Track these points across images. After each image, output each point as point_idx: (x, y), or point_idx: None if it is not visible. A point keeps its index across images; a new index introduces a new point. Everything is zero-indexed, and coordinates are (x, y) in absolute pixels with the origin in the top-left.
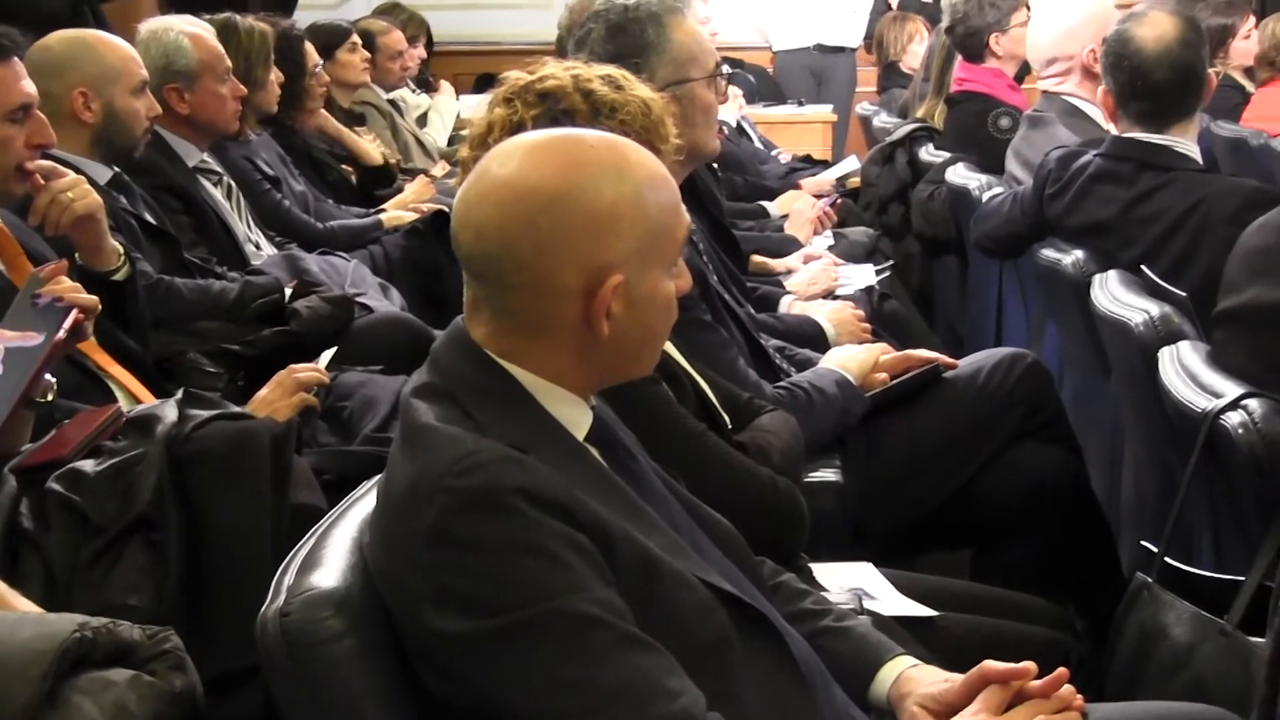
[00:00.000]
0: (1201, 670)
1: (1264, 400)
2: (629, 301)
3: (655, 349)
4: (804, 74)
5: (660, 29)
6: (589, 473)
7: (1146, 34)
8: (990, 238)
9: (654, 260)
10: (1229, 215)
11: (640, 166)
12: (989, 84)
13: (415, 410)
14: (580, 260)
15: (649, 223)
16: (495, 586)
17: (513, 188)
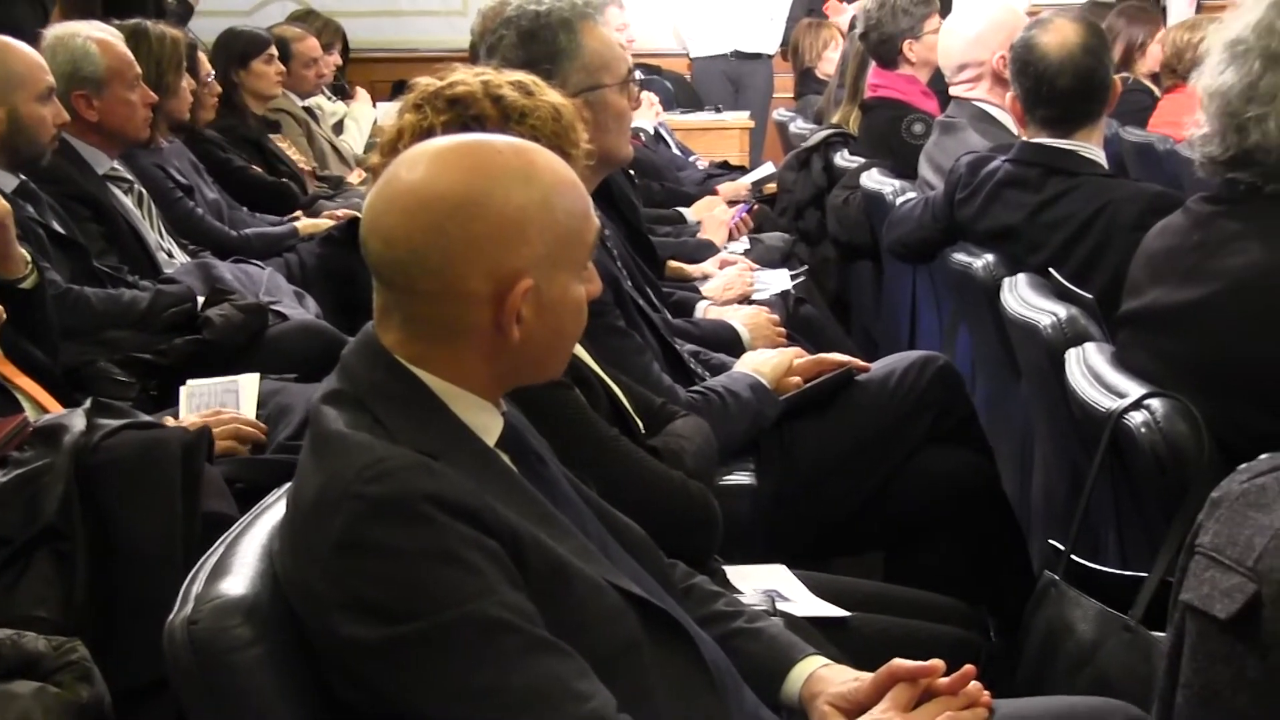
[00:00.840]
0: (1106, 665)
1: (1166, 400)
2: (539, 306)
3: (565, 352)
4: (721, 80)
5: (572, 35)
6: (499, 478)
7: (1051, 41)
8: (902, 243)
9: (563, 265)
10: (1133, 219)
11: (548, 171)
12: (902, 90)
13: (324, 417)
14: (489, 266)
15: (558, 228)
16: (405, 593)
17: (419, 194)
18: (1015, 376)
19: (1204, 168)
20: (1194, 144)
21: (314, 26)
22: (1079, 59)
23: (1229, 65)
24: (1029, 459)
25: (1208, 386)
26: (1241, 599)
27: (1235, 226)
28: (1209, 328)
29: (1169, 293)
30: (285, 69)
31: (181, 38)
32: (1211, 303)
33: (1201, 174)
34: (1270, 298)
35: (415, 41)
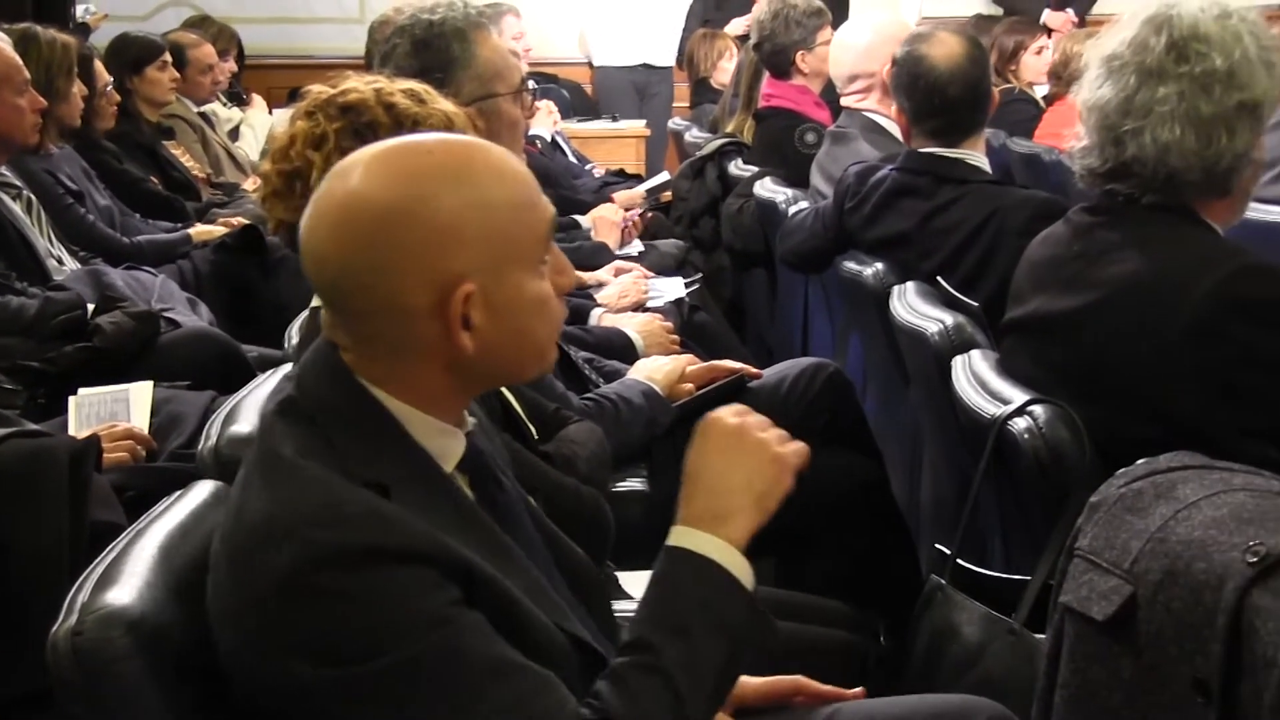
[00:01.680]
0: (991, 667)
1: (1048, 406)
2: (491, 308)
3: (538, 352)
4: (628, 90)
5: (465, 44)
6: (454, 509)
7: (937, 54)
8: (795, 253)
9: (511, 261)
10: (1021, 225)
11: (483, 167)
12: (795, 100)
13: (275, 435)
14: (425, 277)
15: (497, 225)
16: (357, 636)
17: (346, 208)
18: (905, 383)
19: (1084, 179)
20: (1074, 156)
21: (209, 33)
22: (967, 69)
23: (1106, 80)
24: (918, 464)
25: (1088, 393)
26: (1118, 601)
27: (1114, 236)
28: (1089, 335)
29: (1050, 301)
30: (180, 75)
31: (72, 43)
32: (1091, 311)
33: (1081, 185)
34: (1147, 306)
35: (312, 48)
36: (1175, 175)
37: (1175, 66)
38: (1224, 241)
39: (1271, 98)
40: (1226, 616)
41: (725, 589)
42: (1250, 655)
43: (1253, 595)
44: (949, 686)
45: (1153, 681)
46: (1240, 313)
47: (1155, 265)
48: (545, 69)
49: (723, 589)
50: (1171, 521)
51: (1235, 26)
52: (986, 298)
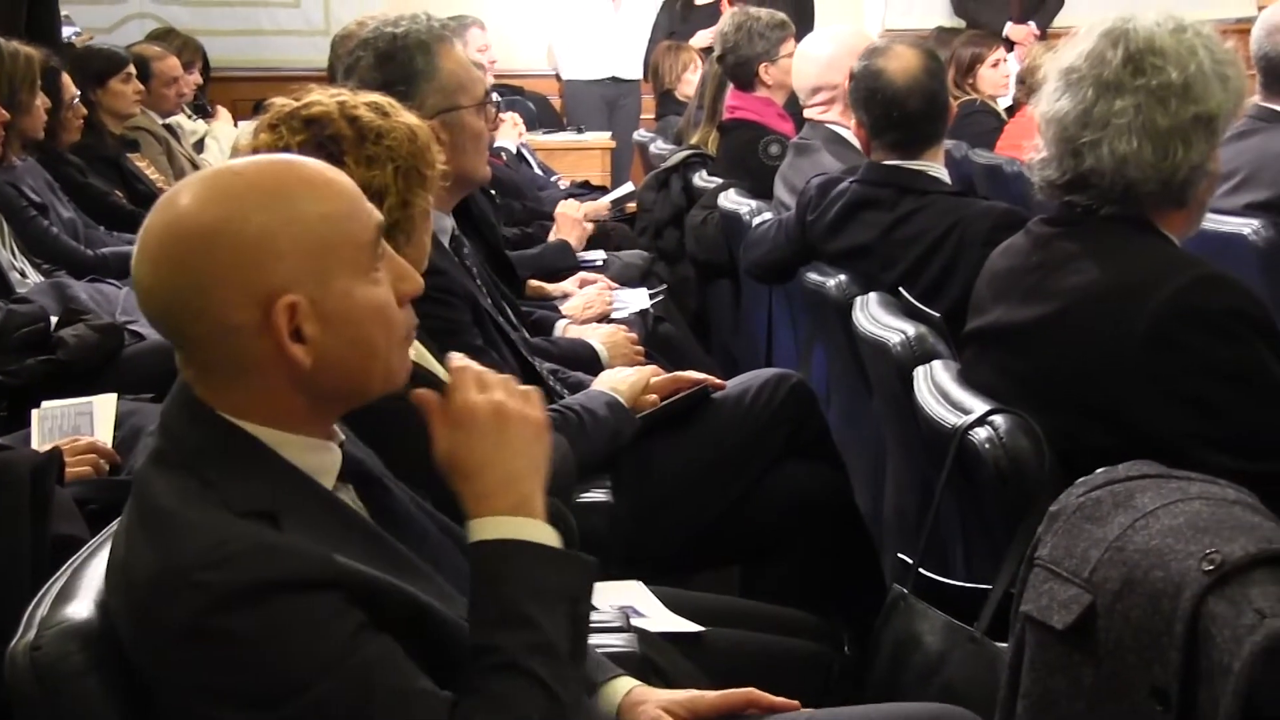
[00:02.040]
0: (952, 676)
1: (1009, 416)
2: (323, 319)
3: (385, 361)
4: (597, 103)
5: (429, 57)
6: (345, 525)
7: (895, 67)
8: (758, 265)
9: (336, 270)
10: (983, 235)
11: (297, 181)
12: (759, 112)
13: (151, 487)
14: (245, 294)
15: (313, 234)
16: (264, 676)
17: (163, 236)
18: (868, 393)
19: (1043, 191)
20: (1033, 168)
21: (174, 45)
22: (924, 82)
23: (1064, 93)
24: (881, 474)
25: (1048, 402)
26: (1077, 609)
27: (1072, 247)
28: (1048, 345)
29: (1011, 311)
30: (144, 88)
31: (36, 56)
32: (1050, 321)
33: (1041, 197)
34: (1105, 316)
35: (278, 61)
36: (1133, 187)
37: (1132, 79)
38: (1181, 252)
39: (1226, 110)
40: (1183, 624)
41: (545, 561)
42: (1207, 662)
43: (1208, 603)
44: (912, 695)
45: (1113, 690)
46: (1197, 322)
47: (1114, 276)
48: (511, 81)
49: (543, 562)
50: (1130, 530)
51: (1190, 40)
52: (948, 308)
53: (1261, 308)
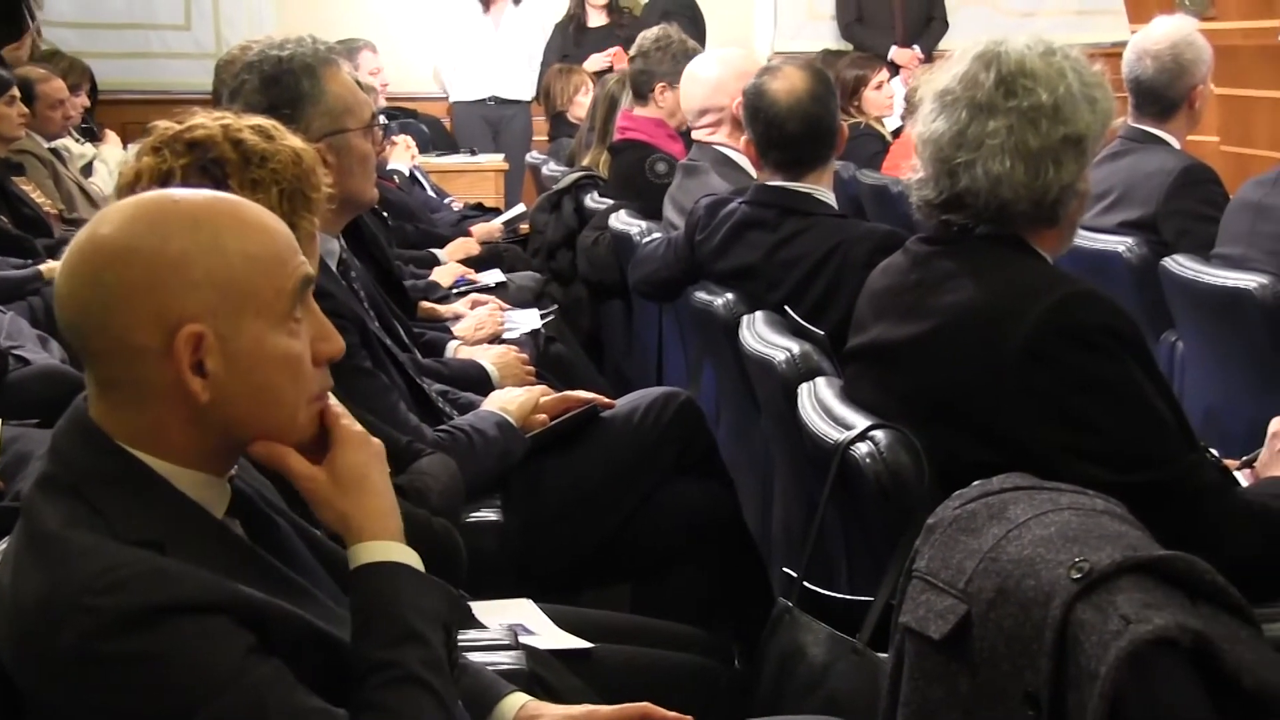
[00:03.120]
0: (836, 687)
1: (889, 431)
2: (227, 358)
3: (290, 415)
4: (480, 125)
5: (315, 80)
6: (232, 553)
7: (779, 88)
8: (647, 282)
9: (249, 312)
10: (864, 257)
11: (229, 217)
12: (649, 132)
13: (39, 511)
14: (151, 315)
15: (232, 271)
16: (157, 699)
17: (85, 250)
18: (756, 410)
19: (920, 210)
20: (911, 188)
21: (60, 67)
22: (806, 106)
23: (940, 114)
24: (770, 490)
25: (927, 418)
26: (953, 619)
27: (949, 266)
28: (926, 362)
29: (890, 329)
30: (29, 110)
31: None
32: (928, 338)
33: (918, 216)
34: (981, 332)
35: (168, 83)
36: (1006, 206)
37: (1004, 101)
38: (1053, 269)
39: (1094, 132)
40: (1053, 631)
41: (421, 584)
42: (1075, 668)
43: (1077, 610)
44: (797, 707)
45: (988, 697)
46: (1069, 338)
47: (988, 293)
48: (404, 104)
49: (420, 584)
50: (1003, 541)
51: (1059, 63)
52: (833, 327)
53: (1131, 324)
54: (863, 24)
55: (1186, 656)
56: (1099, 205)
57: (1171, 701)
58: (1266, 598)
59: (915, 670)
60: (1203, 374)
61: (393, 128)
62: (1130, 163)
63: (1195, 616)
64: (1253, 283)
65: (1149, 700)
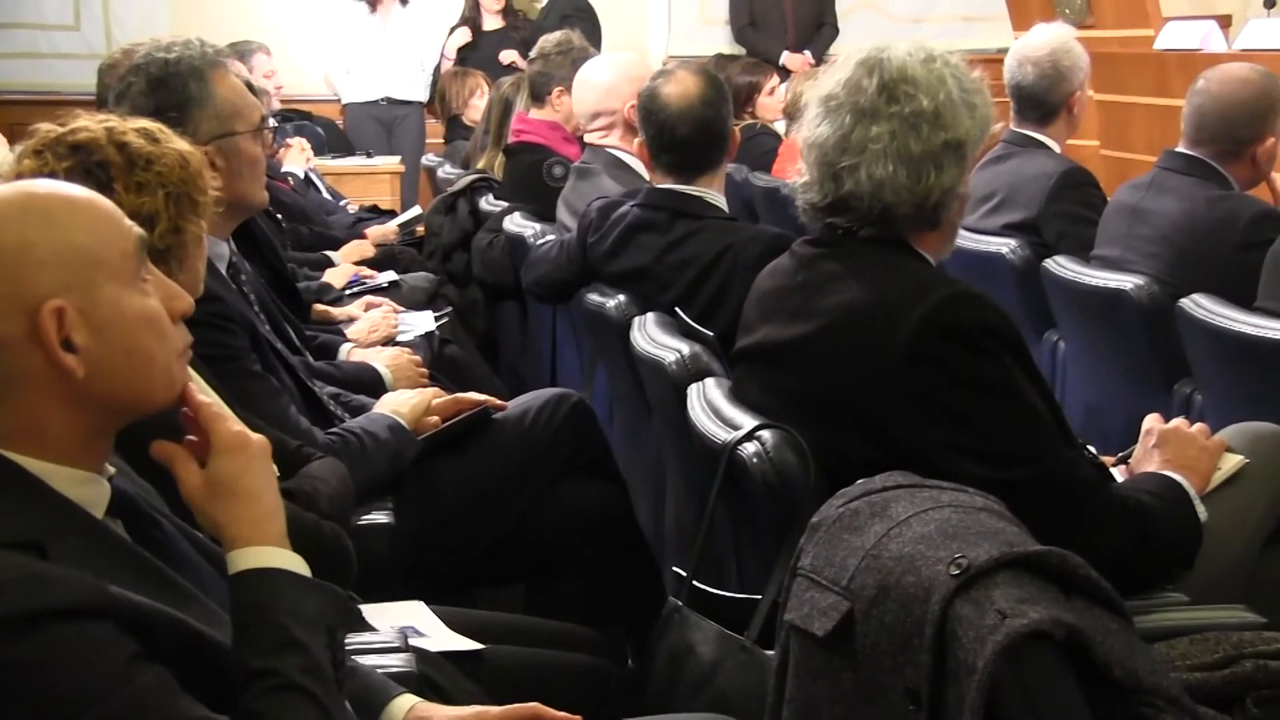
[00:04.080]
0: (725, 685)
1: (775, 431)
2: (93, 328)
3: (165, 371)
4: (374, 126)
5: (202, 83)
6: (113, 553)
7: (672, 92)
8: (539, 284)
9: (102, 279)
10: (754, 260)
11: (49, 196)
12: (545, 135)
13: None
14: (7, 303)
15: (74, 244)
16: (34, 708)
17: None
18: (648, 411)
19: (806, 213)
20: (796, 191)
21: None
22: (698, 110)
23: (824, 119)
24: (662, 490)
25: (814, 418)
26: (836, 616)
27: (834, 268)
28: (812, 362)
29: (777, 330)
30: None
31: None
32: (813, 339)
33: (804, 219)
34: (864, 333)
35: (57, 84)
36: (889, 209)
37: (886, 107)
38: (935, 271)
39: (974, 137)
40: (933, 627)
41: (303, 588)
42: (954, 662)
43: (955, 605)
44: (686, 705)
45: (870, 693)
46: (949, 338)
47: (872, 294)
48: (298, 106)
49: (301, 589)
50: (885, 539)
51: (940, 70)
52: (723, 328)
53: (1010, 324)
54: (755, 29)
55: (1060, 649)
56: (983, 208)
57: (1045, 693)
58: (1138, 590)
59: (800, 667)
60: (1083, 372)
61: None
62: (1013, 166)
63: (1069, 610)
64: (1129, 283)
65: (1024, 692)
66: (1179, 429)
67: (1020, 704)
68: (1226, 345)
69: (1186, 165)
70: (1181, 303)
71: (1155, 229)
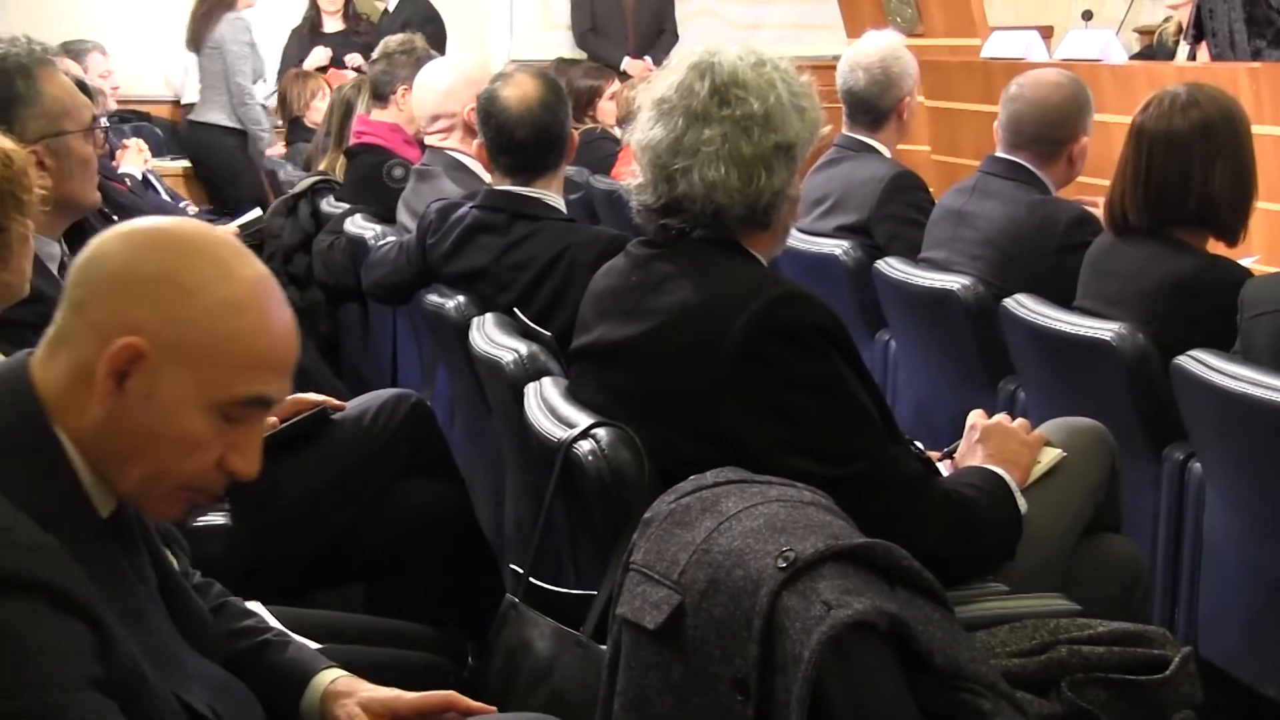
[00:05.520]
0: (561, 680)
1: (610, 429)
2: (145, 387)
3: (146, 471)
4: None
5: (30, 81)
6: (106, 565)
7: (511, 95)
8: (379, 285)
9: (191, 364)
10: (591, 261)
11: (240, 281)
12: (385, 137)
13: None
14: (116, 304)
15: (198, 321)
16: None
17: (156, 227)
18: (488, 411)
19: (640, 215)
20: (631, 193)
21: None
22: (536, 113)
23: (657, 122)
24: (502, 489)
25: (647, 415)
26: (667, 610)
27: (667, 268)
28: (646, 361)
29: (612, 329)
30: None
31: None
32: (647, 338)
33: (638, 220)
34: (697, 332)
35: None
36: (721, 211)
37: (718, 110)
38: (767, 272)
39: (803, 139)
40: (761, 619)
41: None
42: (781, 653)
43: (783, 597)
44: (522, 701)
45: (700, 684)
46: (781, 337)
47: (705, 294)
48: (137, 107)
49: None
50: (714, 533)
51: (769, 74)
52: (561, 328)
53: (839, 323)
54: (596, 34)
55: (884, 638)
56: (817, 210)
57: (869, 681)
58: (962, 581)
59: (631, 660)
60: (913, 370)
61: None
62: (845, 170)
63: (892, 601)
64: (956, 284)
65: (848, 681)
66: (1001, 424)
67: (845, 693)
68: (1046, 343)
69: (1007, 170)
70: (1005, 303)
71: (980, 232)
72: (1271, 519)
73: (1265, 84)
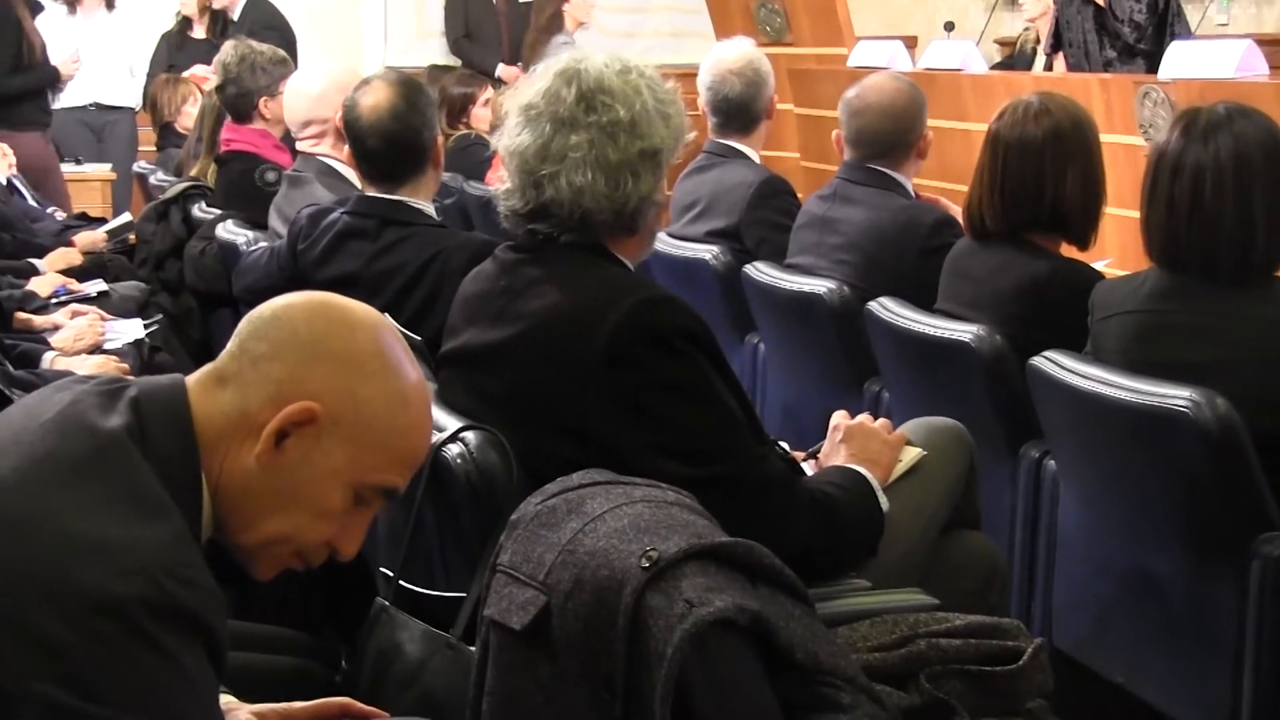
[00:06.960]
0: (431, 682)
1: (479, 433)
2: (305, 450)
3: (271, 531)
4: (83, 131)
5: None
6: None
7: (365, 103)
8: (250, 291)
9: (352, 441)
10: (462, 266)
11: (410, 379)
12: (255, 144)
13: (125, 458)
14: (293, 369)
15: (370, 404)
16: (125, 684)
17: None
18: None
19: (508, 219)
20: (499, 198)
21: None
22: (385, 123)
23: (525, 128)
24: None
25: (518, 419)
26: (534, 610)
27: (536, 273)
28: (515, 365)
29: (480, 333)
30: None
31: None
32: (516, 342)
33: (507, 225)
34: (564, 336)
35: None
36: (589, 215)
37: (585, 116)
38: (633, 276)
39: (669, 145)
40: (626, 618)
41: None
42: (646, 651)
43: (647, 596)
44: (394, 704)
45: (567, 683)
46: (647, 340)
47: (572, 298)
48: None
49: None
50: (580, 534)
51: (635, 81)
52: (433, 333)
53: (705, 327)
54: (471, 41)
55: (745, 635)
56: (687, 215)
57: (731, 676)
58: (826, 578)
59: (499, 660)
60: (782, 373)
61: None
62: (715, 175)
63: (754, 598)
64: (823, 288)
65: (711, 677)
66: (863, 425)
67: (708, 688)
68: (908, 345)
69: (865, 176)
70: (869, 305)
71: (845, 237)
72: (1120, 514)
73: (1115, 94)
